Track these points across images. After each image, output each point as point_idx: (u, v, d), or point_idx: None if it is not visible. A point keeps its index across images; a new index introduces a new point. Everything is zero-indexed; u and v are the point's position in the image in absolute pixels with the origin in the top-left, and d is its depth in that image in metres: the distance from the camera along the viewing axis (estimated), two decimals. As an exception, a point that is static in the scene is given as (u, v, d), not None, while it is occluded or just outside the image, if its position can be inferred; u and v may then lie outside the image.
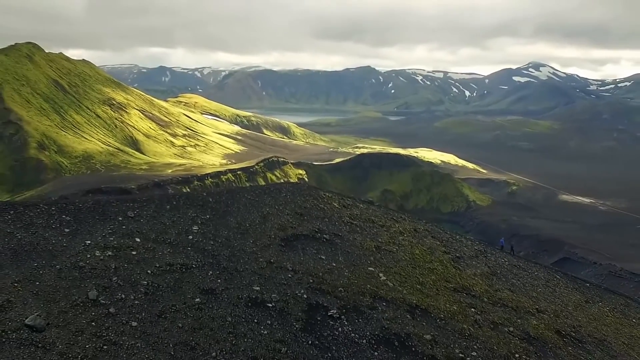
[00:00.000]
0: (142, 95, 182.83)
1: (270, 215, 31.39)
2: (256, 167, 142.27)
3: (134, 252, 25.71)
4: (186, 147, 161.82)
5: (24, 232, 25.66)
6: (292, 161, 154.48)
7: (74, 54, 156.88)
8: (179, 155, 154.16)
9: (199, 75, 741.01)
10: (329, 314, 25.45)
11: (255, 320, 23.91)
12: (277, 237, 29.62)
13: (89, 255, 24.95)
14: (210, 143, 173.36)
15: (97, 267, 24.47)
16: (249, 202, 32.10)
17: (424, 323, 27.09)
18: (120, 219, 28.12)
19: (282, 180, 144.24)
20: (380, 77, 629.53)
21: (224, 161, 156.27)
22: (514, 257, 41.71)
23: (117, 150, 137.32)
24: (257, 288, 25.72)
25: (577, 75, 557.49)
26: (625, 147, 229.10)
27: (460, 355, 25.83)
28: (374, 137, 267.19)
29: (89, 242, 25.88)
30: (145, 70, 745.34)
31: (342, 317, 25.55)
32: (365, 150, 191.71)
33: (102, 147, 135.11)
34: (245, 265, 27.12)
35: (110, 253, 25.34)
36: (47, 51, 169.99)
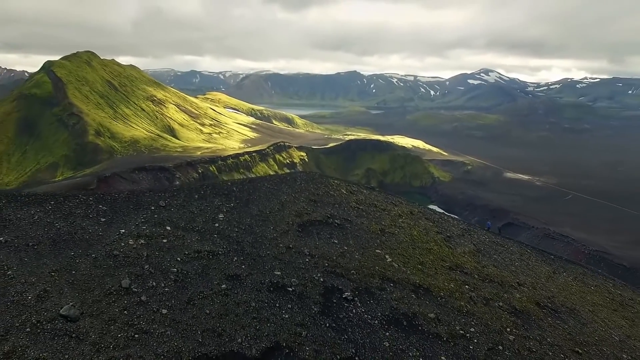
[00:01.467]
0: (177, 93, 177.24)
1: (288, 202, 27.21)
2: (267, 150, 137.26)
3: (164, 240, 21.34)
4: (212, 134, 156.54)
5: (63, 222, 21.14)
6: (295, 145, 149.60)
7: (123, 60, 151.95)
8: (206, 140, 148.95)
9: (222, 77, 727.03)
10: (343, 296, 21.29)
11: (277, 305, 19.68)
12: (294, 223, 25.43)
13: (122, 244, 20.53)
14: (231, 131, 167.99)
15: (130, 255, 20.06)
16: (268, 190, 27.97)
17: (427, 302, 22.97)
18: (152, 208, 23.74)
19: (287, 160, 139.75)
20: (364, 80, 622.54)
21: (242, 145, 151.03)
22: (497, 235, 37.29)
23: (157, 136, 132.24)
24: (278, 273, 21.46)
25: (518, 79, 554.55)
26: (555, 136, 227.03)
27: (461, 332, 21.80)
28: (359, 127, 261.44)
29: (123, 230, 21.55)
30: (179, 74, 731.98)
31: (356, 299, 21.41)
32: (352, 137, 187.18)
33: (145, 134, 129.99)
34: (266, 251, 22.87)
35: (142, 241, 20.91)
36: (101, 58, 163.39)
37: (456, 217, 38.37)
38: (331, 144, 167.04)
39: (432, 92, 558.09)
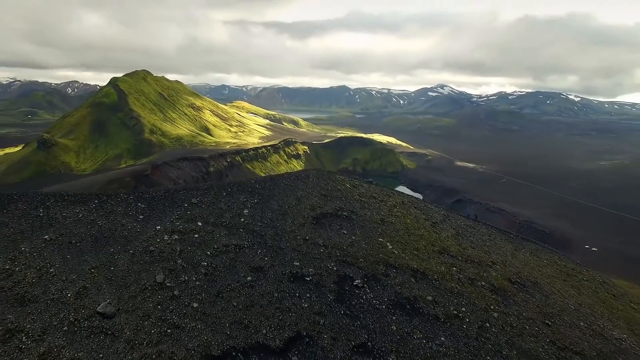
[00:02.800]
0: (211, 101, 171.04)
1: (303, 197, 23.31)
2: (279, 144, 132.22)
3: (196, 235, 17.40)
4: (238, 132, 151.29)
5: (105, 220, 17.10)
6: (300, 141, 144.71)
7: (170, 76, 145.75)
8: (233, 137, 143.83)
9: (245, 90, 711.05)
10: (354, 283, 17.55)
11: (297, 294, 15.91)
12: (309, 216, 21.53)
13: (158, 240, 16.56)
14: (251, 130, 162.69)
15: (164, 250, 16.12)
16: (286, 187, 24.01)
17: (425, 285, 19.29)
18: (185, 205, 19.71)
19: (294, 152, 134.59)
20: (351, 92, 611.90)
21: (260, 140, 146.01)
22: (472, 220, 33.45)
23: (196, 134, 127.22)
24: (297, 263, 17.67)
25: (465, 92, 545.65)
26: (493, 135, 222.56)
27: (455, 312, 18.21)
28: (347, 127, 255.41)
29: (159, 227, 17.56)
30: (213, 87, 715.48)
31: (365, 285, 17.68)
32: (343, 135, 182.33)
33: (187, 132, 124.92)
34: (286, 243, 18.96)
35: (176, 237, 16.94)
36: (154, 75, 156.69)
37: (436, 204, 34.35)
38: (327, 140, 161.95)
39: (401, 102, 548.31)
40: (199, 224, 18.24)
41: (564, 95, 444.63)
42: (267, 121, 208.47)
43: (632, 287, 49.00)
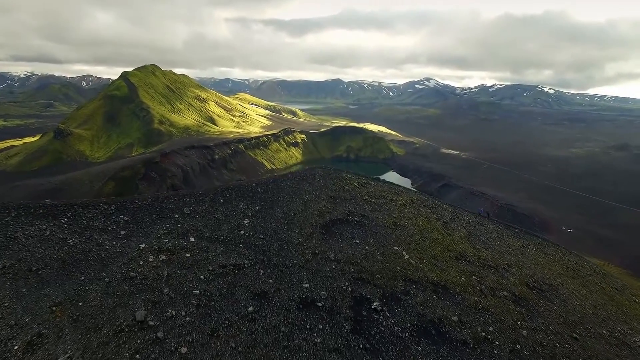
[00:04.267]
0: (216, 94, 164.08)
1: (310, 202, 18.88)
2: (278, 133, 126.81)
3: (187, 255, 13.17)
4: (240, 122, 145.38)
5: (78, 238, 12.64)
6: (298, 130, 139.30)
7: (177, 70, 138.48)
8: (236, 127, 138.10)
9: (247, 83, 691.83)
10: (372, 306, 13.55)
11: (308, 327, 11.84)
12: (317, 224, 17.22)
13: (141, 262, 12.20)
14: (253, 120, 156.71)
15: (148, 276, 11.79)
16: (291, 190, 19.46)
17: (448, 302, 15.40)
18: (176, 216, 15.24)
19: (292, 141, 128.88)
20: (345, 84, 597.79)
21: (261, 130, 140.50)
22: (480, 217, 29.18)
23: (202, 124, 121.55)
24: (307, 285, 13.57)
25: (449, 85, 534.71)
26: (475, 124, 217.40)
27: (483, 334, 14.40)
28: (342, 117, 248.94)
29: (143, 245, 13.21)
30: (217, 80, 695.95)
31: (384, 308, 13.70)
32: (337, 124, 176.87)
33: (194, 122, 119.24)
34: (293, 260, 14.70)
35: (164, 257, 12.64)
36: (162, 69, 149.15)
37: (443, 201, 29.98)
38: (323, 129, 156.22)
39: (391, 93, 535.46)
40: (192, 239, 13.90)
41: (539, 87, 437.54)
42: (268, 112, 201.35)
43: (606, 266, 46.43)
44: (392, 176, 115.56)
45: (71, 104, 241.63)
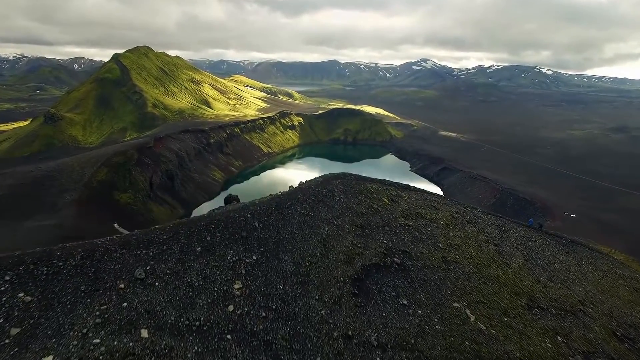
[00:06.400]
0: (211, 76, 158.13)
1: (331, 238, 13.54)
2: (275, 116, 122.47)
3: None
4: (236, 105, 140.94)
5: None
6: (294, 112, 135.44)
7: (171, 52, 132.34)
8: (232, 110, 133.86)
9: (242, 64, 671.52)
10: None
11: None
12: (346, 278, 11.93)
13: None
14: (249, 102, 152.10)
15: None
16: (302, 219, 13.98)
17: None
18: (121, 286, 8.93)
19: (289, 124, 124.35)
20: (341, 66, 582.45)
21: (257, 112, 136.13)
22: (528, 228, 25.36)
23: (197, 107, 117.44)
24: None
25: (447, 66, 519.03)
26: (472, 106, 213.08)
27: None
28: (338, 99, 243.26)
29: (50, 358, 6.76)
30: (212, 62, 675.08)
31: None
32: (334, 106, 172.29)
33: (188, 105, 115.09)
34: (316, 357, 8.98)
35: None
36: (155, 51, 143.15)
37: (483, 210, 26.26)
38: (320, 111, 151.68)
39: (387, 75, 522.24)
40: (143, 334, 7.94)
41: (537, 68, 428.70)
42: (264, 94, 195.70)
43: (612, 252, 45.03)
44: (390, 159, 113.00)
45: (63, 87, 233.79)
